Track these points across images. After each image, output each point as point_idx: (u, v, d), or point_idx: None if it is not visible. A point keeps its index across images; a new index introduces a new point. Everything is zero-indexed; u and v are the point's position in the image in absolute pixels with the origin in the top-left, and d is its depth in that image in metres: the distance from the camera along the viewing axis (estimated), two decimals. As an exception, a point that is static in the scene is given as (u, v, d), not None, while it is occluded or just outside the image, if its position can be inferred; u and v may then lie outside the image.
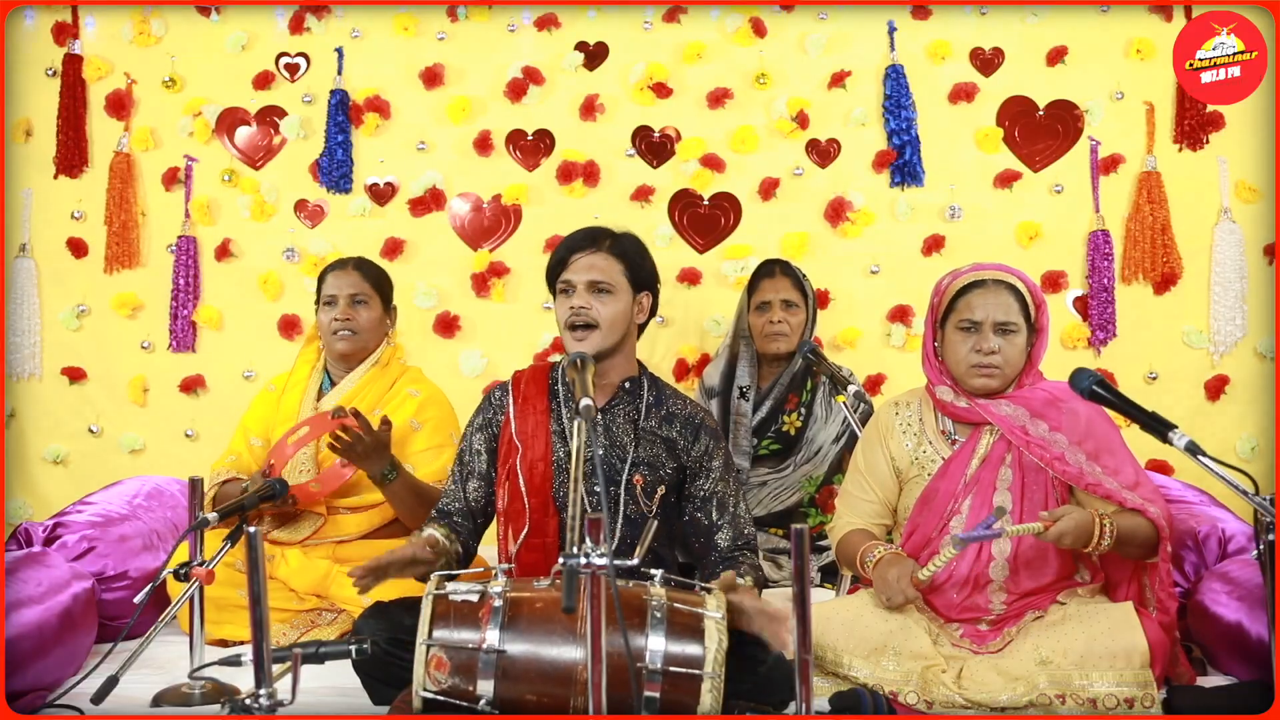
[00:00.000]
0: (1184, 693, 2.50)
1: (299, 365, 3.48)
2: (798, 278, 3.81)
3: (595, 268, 2.64)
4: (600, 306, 2.62)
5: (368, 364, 3.40)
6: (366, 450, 2.97)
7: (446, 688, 2.15)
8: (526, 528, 2.62)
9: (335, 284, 3.38)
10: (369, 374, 3.39)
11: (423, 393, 3.40)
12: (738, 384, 3.82)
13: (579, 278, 2.63)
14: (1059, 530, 2.44)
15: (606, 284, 2.63)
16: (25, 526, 3.27)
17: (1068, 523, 2.44)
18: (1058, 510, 2.49)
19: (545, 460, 2.65)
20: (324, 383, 3.43)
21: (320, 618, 3.16)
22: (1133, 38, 4.23)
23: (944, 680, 2.47)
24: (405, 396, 3.37)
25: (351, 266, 3.46)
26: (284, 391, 3.42)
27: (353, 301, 3.37)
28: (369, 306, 3.40)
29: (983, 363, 2.67)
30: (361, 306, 3.38)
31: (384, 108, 4.35)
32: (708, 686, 2.13)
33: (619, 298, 2.64)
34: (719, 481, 2.68)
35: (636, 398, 2.70)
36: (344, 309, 3.35)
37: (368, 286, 3.42)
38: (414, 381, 3.44)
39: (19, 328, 4.33)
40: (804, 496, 3.69)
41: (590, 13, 4.35)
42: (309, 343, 3.53)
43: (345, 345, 3.36)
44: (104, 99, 4.37)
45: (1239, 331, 4.13)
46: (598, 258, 2.65)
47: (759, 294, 3.80)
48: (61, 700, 2.58)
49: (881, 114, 4.27)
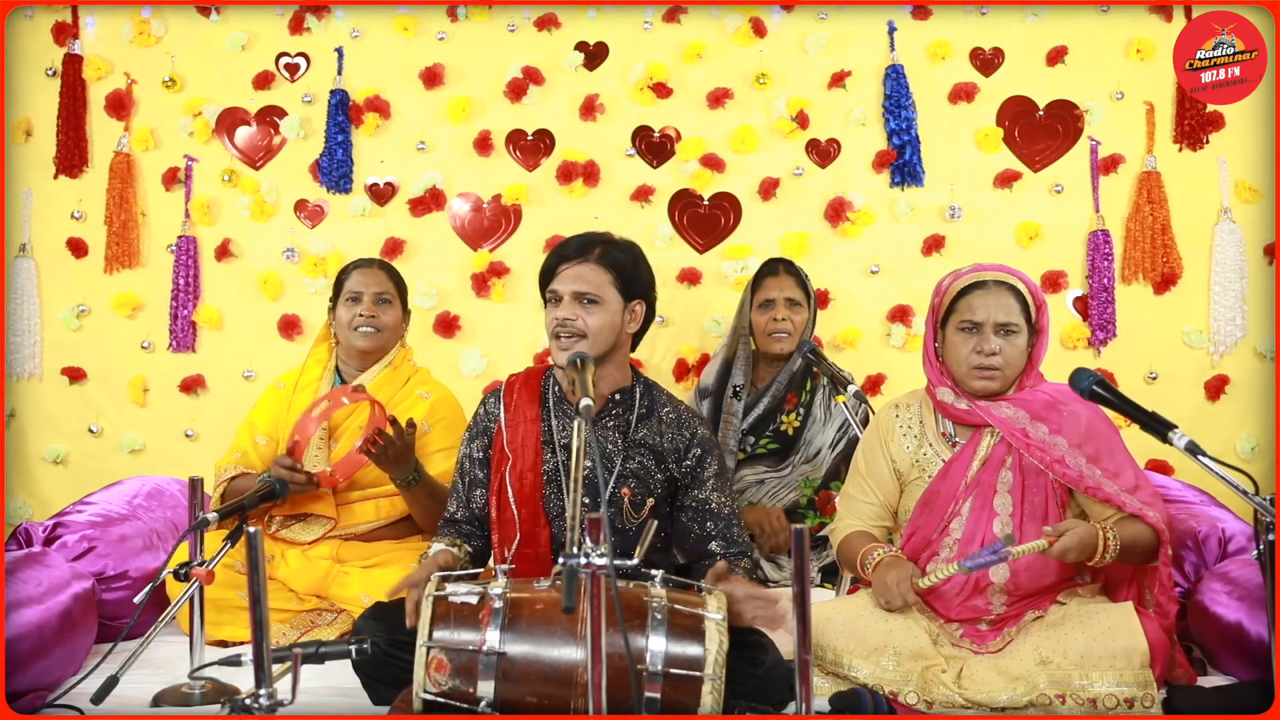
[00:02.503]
0: (1184, 693, 2.50)
1: (310, 365, 3.49)
2: (801, 277, 3.81)
3: (582, 279, 2.62)
4: (587, 317, 2.60)
5: (381, 364, 3.43)
6: (397, 454, 2.99)
7: (447, 689, 2.15)
8: (518, 538, 2.63)
9: (361, 281, 3.43)
10: (382, 374, 3.41)
11: (434, 394, 3.42)
12: (732, 383, 3.82)
13: (565, 288, 2.62)
14: (1063, 546, 2.44)
15: (593, 295, 2.61)
16: (25, 526, 3.28)
17: (1071, 538, 2.45)
18: (1061, 525, 2.49)
19: (535, 470, 2.65)
20: (336, 382, 3.44)
21: (320, 618, 3.16)
22: (1133, 38, 4.22)
23: (944, 680, 2.47)
24: (416, 398, 3.40)
25: (377, 266, 3.52)
26: (295, 391, 3.43)
27: (378, 299, 3.41)
28: (392, 306, 3.46)
29: (984, 364, 2.68)
30: (386, 305, 3.43)
31: (384, 108, 4.34)
32: (708, 688, 2.13)
33: (606, 308, 2.62)
34: (712, 491, 2.67)
35: (627, 409, 2.70)
36: (369, 305, 3.39)
37: (392, 286, 3.48)
38: (424, 383, 3.47)
39: (19, 328, 4.33)
40: (801, 497, 3.68)
41: (590, 13, 4.35)
42: (320, 342, 3.54)
43: (367, 342, 3.39)
44: (104, 99, 4.37)
45: (1239, 331, 4.13)
46: (585, 268, 2.62)
47: (762, 292, 3.80)
48: (61, 700, 2.59)
49: (881, 114, 4.27)
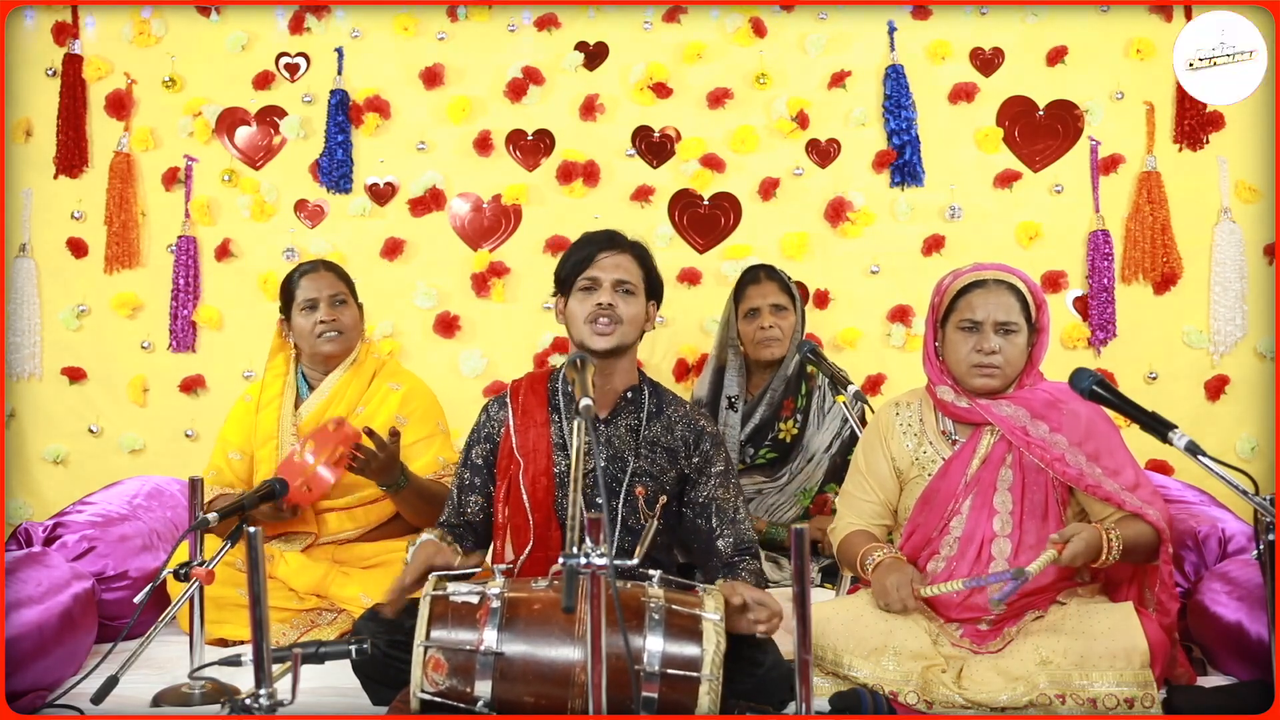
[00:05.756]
0: (1184, 693, 2.50)
1: (270, 380, 3.40)
2: (784, 281, 3.76)
3: (621, 267, 2.67)
4: (624, 306, 2.65)
5: (343, 366, 3.36)
6: (381, 465, 2.96)
7: (444, 689, 2.15)
8: (531, 542, 2.62)
9: (313, 286, 3.33)
10: (345, 375, 3.35)
11: (404, 385, 3.37)
12: (726, 394, 3.77)
13: (606, 275, 2.65)
14: (1072, 552, 2.44)
15: (631, 284, 2.67)
16: (25, 526, 3.28)
17: (1078, 543, 2.45)
18: (1066, 531, 2.48)
19: (547, 474, 2.65)
20: (301, 389, 3.39)
21: (320, 618, 3.16)
22: (1133, 38, 4.22)
23: (944, 680, 2.47)
24: (386, 392, 3.34)
25: (323, 268, 3.42)
26: (259, 408, 3.36)
27: (333, 302, 3.34)
28: (348, 306, 3.38)
29: (983, 363, 2.67)
30: (343, 307, 3.36)
31: (384, 108, 4.34)
32: (705, 688, 2.13)
33: (639, 301, 2.69)
34: (719, 488, 2.68)
35: (638, 407, 2.71)
36: (327, 310, 3.31)
37: (343, 286, 3.40)
38: (392, 375, 3.41)
39: (19, 328, 4.33)
40: (800, 510, 3.65)
41: (590, 13, 4.35)
42: (276, 353, 3.44)
43: (333, 346, 3.32)
44: (104, 99, 4.37)
45: (1239, 331, 4.13)
46: (623, 258, 2.69)
47: (746, 301, 3.75)
48: (61, 700, 2.59)
49: (881, 114, 4.26)
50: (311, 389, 3.37)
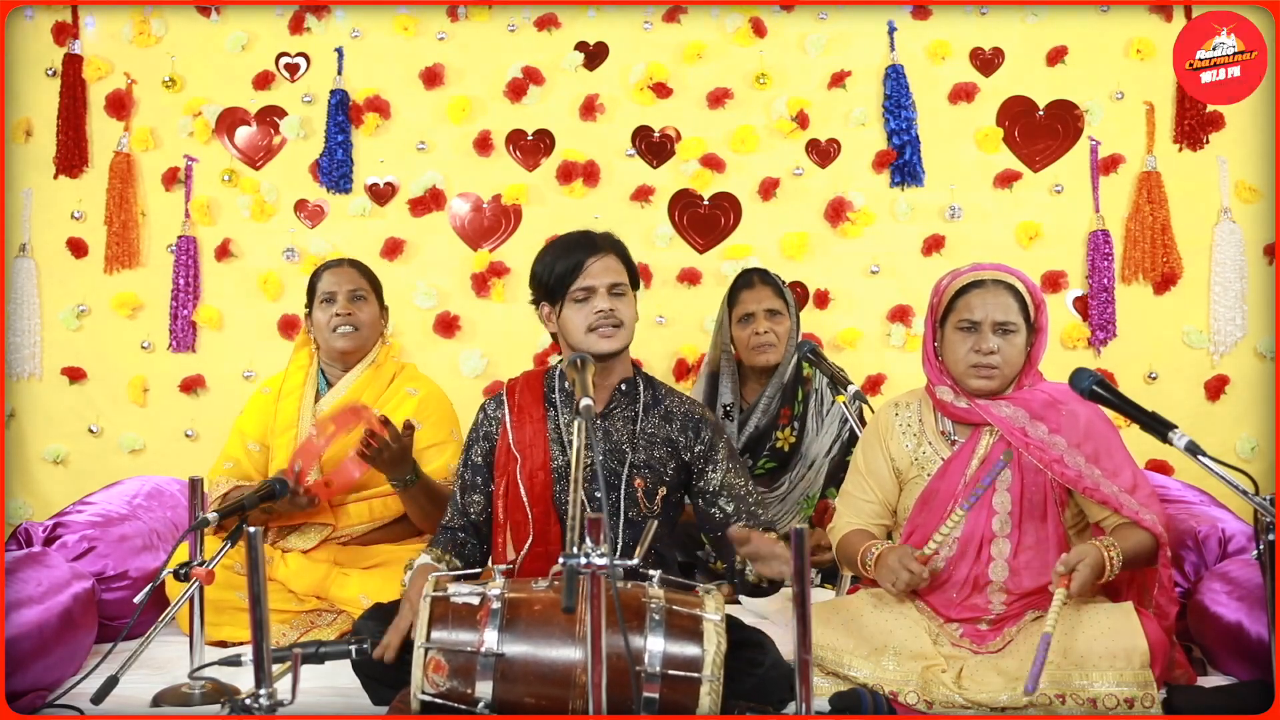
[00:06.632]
0: (1184, 693, 2.50)
1: (293, 371, 3.44)
2: (777, 285, 3.73)
3: (611, 270, 2.66)
4: (622, 307, 2.65)
5: (364, 364, 3.38)
6: (393, 457, 2.94)
7: (445, 690, 2.15)
8: (530, 538, 2.62)
9: (333, 281, 3.38)
10: (365, 374, 3.37)
11: (421, 390, 3.39)
12: (721, 403, 3.74)
13: (600, 281, 2.64)
14: (1080, 583, 2.43)
15: (622, 285, 2.68)
16: (25, 526, 3.27)
17: (1085, 571, 2.44)
18: (1069, 559, 2.46)
19: (545, 469, 2.65)
20: (321, 385, 3.41)
21: (320, 618, 3.16)
22: (1133, 38, 4.22)
23: (944, 680, 2.47)
24: (404, 395, 3.36)
25: (347, 264, 3.47)
26: (280, 397, 3.39)
27: (352, 297, 3.37)
28: (368, 303, 3.40)
29: (982, 363, 2.67)
30: (361, 302, 3.38)
31: (384, 108, 4.34)
32: (706, 689, 2.13)
33: (630, 297, 2.70)
34: (727, 472, 2.69)
35: (634, 399, 2.71)
36: (344, 304, 3.34)
37: (365, 283, 3.43)
38: (411, 380, 3.43)
39: (19, 328, 4.33)
40: (803, 520, 3.61)
41: (590, 13, 4.35)
42: (300, 347, 3.48)
43: (346, 342, 3.34)
44: (104, 99, 4.37)
45: (1239, 331, 4.13)
46: (610, 260, 2.67)
47: (740, 307, 3.70)
48: (61, 700, 2.59)
49: (881, 114, 4.27)
50: (331, 386, 3.38)
